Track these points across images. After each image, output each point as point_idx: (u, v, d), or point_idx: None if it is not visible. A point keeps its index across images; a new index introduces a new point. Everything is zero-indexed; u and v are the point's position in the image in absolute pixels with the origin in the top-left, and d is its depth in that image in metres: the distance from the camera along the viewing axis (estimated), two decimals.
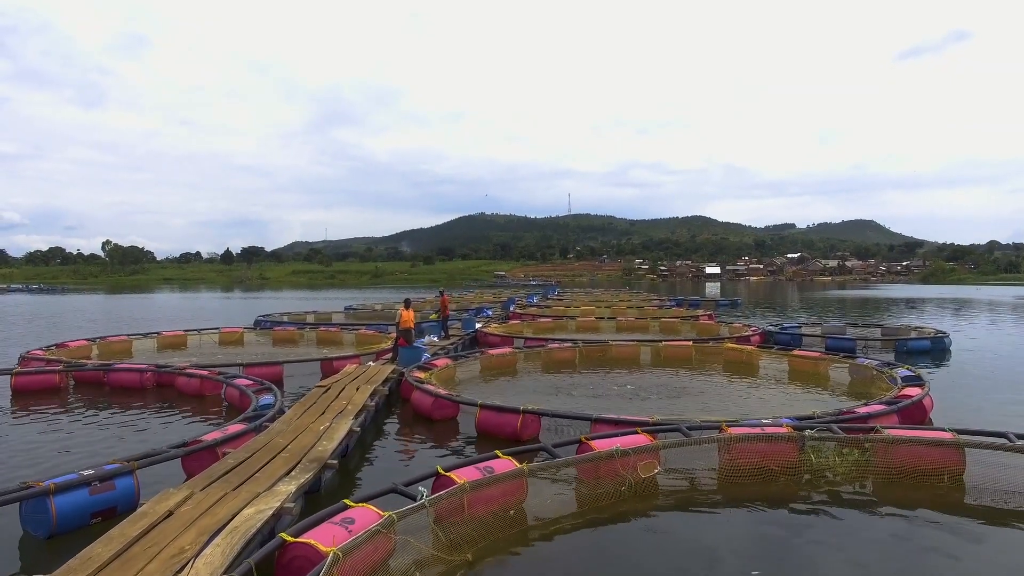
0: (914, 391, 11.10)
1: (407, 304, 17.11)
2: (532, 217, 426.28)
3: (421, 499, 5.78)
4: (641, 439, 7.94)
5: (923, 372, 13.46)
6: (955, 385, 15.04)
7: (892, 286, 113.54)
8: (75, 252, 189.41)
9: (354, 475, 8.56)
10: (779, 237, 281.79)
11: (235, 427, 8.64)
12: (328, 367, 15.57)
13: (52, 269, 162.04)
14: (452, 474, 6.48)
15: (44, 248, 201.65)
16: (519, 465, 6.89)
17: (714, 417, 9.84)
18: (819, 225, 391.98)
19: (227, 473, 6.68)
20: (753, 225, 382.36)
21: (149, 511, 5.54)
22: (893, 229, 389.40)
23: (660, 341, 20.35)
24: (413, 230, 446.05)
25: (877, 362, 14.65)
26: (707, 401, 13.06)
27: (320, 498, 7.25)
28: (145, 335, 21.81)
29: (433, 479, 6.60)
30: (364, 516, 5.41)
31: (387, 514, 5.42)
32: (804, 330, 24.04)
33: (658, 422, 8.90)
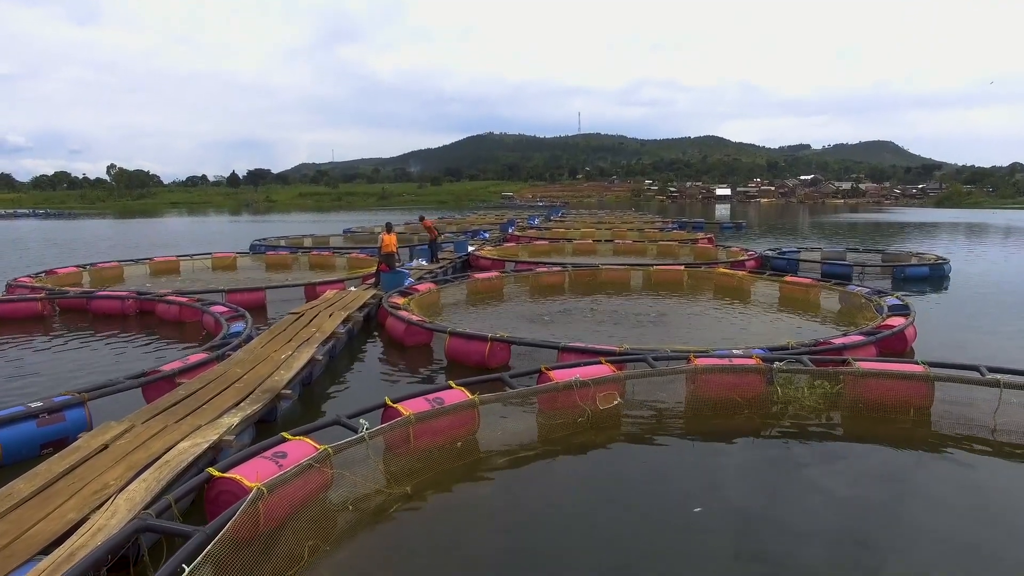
0: (897, 321, 10.83)
1: (388, 228, 16.90)
2: (541, 137, 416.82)
3: (361, 432, 5.69)
4: (604, 369, 7.79)
5: (913, 300, 13.17)
6: (946, 313, 14.79)
7: (905, 210, 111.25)
8: (81, 177, 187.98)
9: (318, 404, 8.52)
10: (793, 158, 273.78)
11: (196, 356, 8.55)
12: (312, 292, 15.41)
13: (59, 194, 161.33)
14: (400, 406, 6.36)
15: (50, 172, 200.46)
16: (471, 396, 6.78)
17: (689, 347, 9.66)
18: (835, 146, 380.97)
19: (175, 404, 6.60)
20: (767, 146, 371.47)
21: (83, 445, 5.48)
22: (912, 151, 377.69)
23: (652, 265, 20.06)
24: (421, 150, 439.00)
25: (868, 289, 14.31)
26: (688, 328, 12.87)
27: (275, 429, 7.18)
28: (136, 261, 21.73)
29: (381, 410, 6.51)
30: (298, 449, 5.32)
31: (322, 448, 5.34)
32: (803, 255, 23.61)
33: (624, 352, 8.73)
